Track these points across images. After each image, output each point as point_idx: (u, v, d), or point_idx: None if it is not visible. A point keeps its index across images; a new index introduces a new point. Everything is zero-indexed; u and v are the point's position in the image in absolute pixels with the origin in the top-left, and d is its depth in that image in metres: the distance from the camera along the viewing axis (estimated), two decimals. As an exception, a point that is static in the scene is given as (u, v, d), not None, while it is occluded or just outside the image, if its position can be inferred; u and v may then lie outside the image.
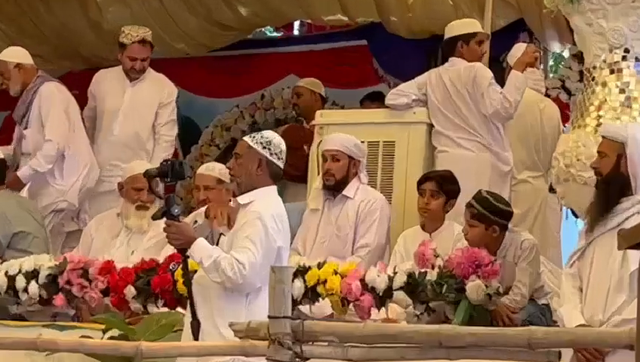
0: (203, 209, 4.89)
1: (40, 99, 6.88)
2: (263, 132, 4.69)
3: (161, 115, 7.06)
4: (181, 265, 4.60)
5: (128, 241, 6.20)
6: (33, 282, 5.63)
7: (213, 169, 6.06)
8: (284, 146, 4.57)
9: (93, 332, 5.08)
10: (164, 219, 4.50)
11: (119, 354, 4.08)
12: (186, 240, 4.45)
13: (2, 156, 6.50)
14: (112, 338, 4.86)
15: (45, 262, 5.69)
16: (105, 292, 5.52)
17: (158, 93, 7.11)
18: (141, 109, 7.07)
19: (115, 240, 6.22)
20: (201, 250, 4.41)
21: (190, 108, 9.33)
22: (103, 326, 5.12)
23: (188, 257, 4.51)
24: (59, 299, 5.56)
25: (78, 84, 9.41)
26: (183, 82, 9.27)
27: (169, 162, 4.63)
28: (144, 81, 7.10)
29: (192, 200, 6.89)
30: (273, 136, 4.58)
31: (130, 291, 5.42)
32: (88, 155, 7.02)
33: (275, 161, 4.53)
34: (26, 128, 6.91)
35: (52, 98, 6.89)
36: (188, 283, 4.47)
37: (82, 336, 4.70)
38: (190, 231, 4.51)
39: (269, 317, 3.38)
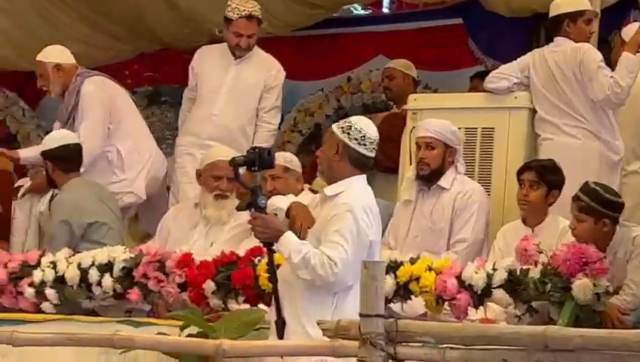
0: (277, 199, 4.90)
1: (82, 100, 6.95)
2: (350, 117, 4.71)
3: (266, 99, 7.03)
4: (267, 260, 4.63)
5: (207, 233, 6.25)
6: (107, 275, 5.69)
7: (278, 157, 6.06)
8: (371, 133, 4.58)
9: (170, 329, 5.13)
10: (250, 210, 4.56)
11: (199, 352, 4.11)
12: (273, 234, 4.50)
13: (77, 141, 6.62)
14: (190, 335, 4.91)
15: (120, 254, 5.74)
16: (182, 287, 5.56)
17: (263, 74, 7.07)
18: (244, 90, 7.03)
19: (193, 232, 6.28)
20: (289, 244, 4.44)
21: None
22: (180, 323, 5.17)
23: (274, 252, 4.54)
24: (134, 294, 5.61)
25: (152, 65, 9.57)
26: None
27: (257, 150, 4.66)
28: (250, 60, 7.06)
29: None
30: (357, 121, 4.61)
31: (209, 286, 5.45)
32: (150, 146, 7.12)
33: (355, 146, 4.54)
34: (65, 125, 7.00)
35: (91, 99, 6.93)
36: (274, 279, 4.49)
37: (159, 333, 4.75)
38: (278, 224, 4.57)
39: (361, 315, 3.37)
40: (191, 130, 7.08)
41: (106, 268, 5.72)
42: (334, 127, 4.62)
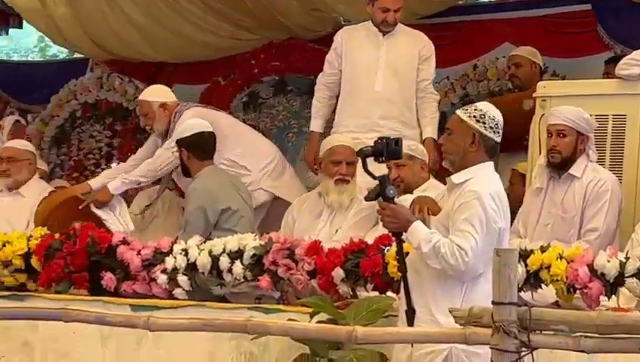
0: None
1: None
2: (476, 104, 4.69)
3: (424, 71, 7.03)
4: (395, 250, 4.65)
5: (331, 220, 6.32)
6: (237, 262, 5.75)
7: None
8: (500, 118, 4.58)
9: (300, 316, 5.21)
10: (378, 201, 4.58)
11: (331, 338, 4.16)
12: (403, 224, 4.51)
13: (211, 129, 6.73)
14: (319, 322, 4.97)
15: (250, 242, 5.79)
16: (312, 274, 5.60)
17: (416, 45, 7.08)
18: (401, 63, 7.02)
19: (317, 221, 6.35)
20: (419, 233, 4.45)
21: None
22: (310, 310, 5.24)
23: (403, 241, 4.55)
24: (264, 281, 5.67)
25: (278, 55, 9.66)
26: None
27: (384, 140, 4.64)
28: (398, 35, 7.07)
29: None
30: (488, 108, 4.59)
31: (338, 273, 5.47)
32: (266, 148, 7.28)
33: (491, 135, 4.54)
34: None
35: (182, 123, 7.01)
36: (403, 269, 4.50)
37: (289, 320, 4.82)
38: (407, 213, 4.60)
39: (493, 303, 3.38)
40: (359, 113, 6.98)
41: (237, 255, 5.77)
42: (463, 115, 4.57)
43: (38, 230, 6.55)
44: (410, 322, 4.41)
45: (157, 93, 7.31)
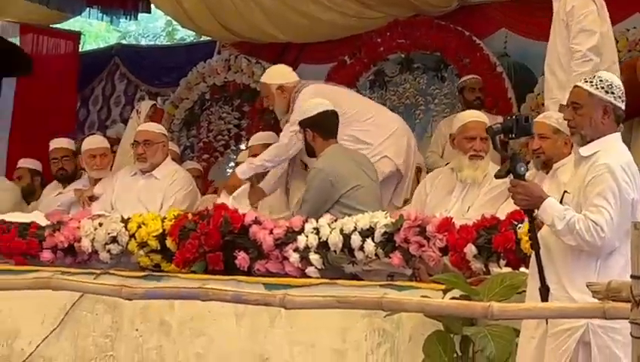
0: None
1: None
2: (599, 74, 4.60)
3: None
4: (528, 227, 4.61)
5: (464, 197, 6.31)
6: (369, 240, 5.77)
7: (550, 117, 6.02)
8: (622, 87, 4.52)
9: (433, 293, 5.21)
10: (509, 178, 4.54)
11: (466, 315, 4.15)
12: (535, 201, 4.45)
13: (333, 107, 6.76)
14: (453, 299, 4.98)
15: (381, 220, 5.80)
16: (444, 251, 5.59)
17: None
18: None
19: (450, 197, 6.34)
20: (552, 210, 4.38)
21: (524, 55, 9.28)
22: (442, 287, 5.25)
23: (535, 219, 4.51)
24: (396, 258, 5.68)
25: (403, 32, 9.65)
26: (515, 27, 9.27)
27: (514, 117, 4.63)
28: None
29: (526, 152, 6.87)
30: (612, 78, 4.54)
31: (470, 250, 5.45)
32: (390, 119, 7.25)
33: (619, 104, 4.48)
34: None
35: (299, 102, 7.06)
36: (536, 246, 4.46)
37: (422, 297, 4.84)
38: (539, 190, 4.51)
39: (632, 276, 3.34)
40: None
41: (368, 233, 5.79)
42: (591, 88, 4.48)
43: (171, 211, 6.69)
44: (545, 299, 4.37)
45: (275, 75, 7.36)
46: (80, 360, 6.50)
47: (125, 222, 6.67)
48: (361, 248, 5.81)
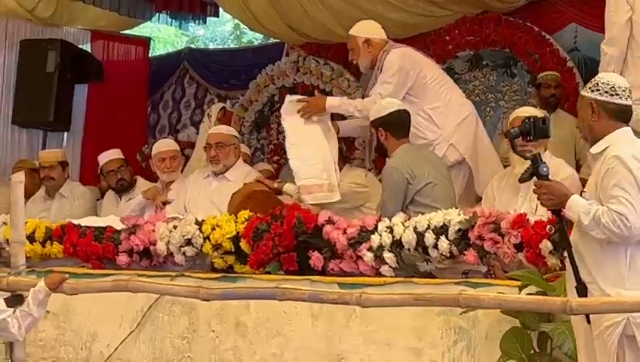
0: None
1: (383, 67, 7.17)
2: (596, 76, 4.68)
3: None
4: (557, 227, 4.61)
5: (530, 195, 6.26)
6: (443, 238, 5.77)
7: None
8: (620, 82, 4.60)
9: (508, 290, 5.19)
10: (533, 179, 4.62)
11: (545, 310, 4.15)
12: (561, 200, 4.53)
13: (405, 107, 6.78)
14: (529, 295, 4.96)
15: (454, 217, 5.80)
16: (518, 248, 5.57)
17: None
18: None
19: (516, 198, 6.30)
20: (577, 207, 4.45)
21: (595, 49, 9.18)
22: (518, 284, 5.23)
23: (563, 218, 4.54)
24: (470, 256, 5.68)
25: (472, 29, 9.61)
26: (585, 21, 9.19)
27: (531, 120, 4.77)
28: None
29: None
30: (602, 76, 4.66)
31: (546, 246, 5.42)
32: (465, 108, 7.21)
33: (608, 98, 4.56)
34: None
35: (390, 65, 7.11)
36: (567, 245, 4.48)
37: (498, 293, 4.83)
38: (564, 188, 4.58)
39: None
40: None
41: (442, 230, 5.80)
42: (582, 91, 4.66)
43: (242, 213, 6.74)
44: (583, 296, 4.36)
45: (363, 29, 7.39)
46: (158, 362, 6.59)
47: (199, 224, 6.74)
48: (435, 246, 5.81)
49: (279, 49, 11.54)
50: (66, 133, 11.45)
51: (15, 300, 5.47)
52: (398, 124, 6.71)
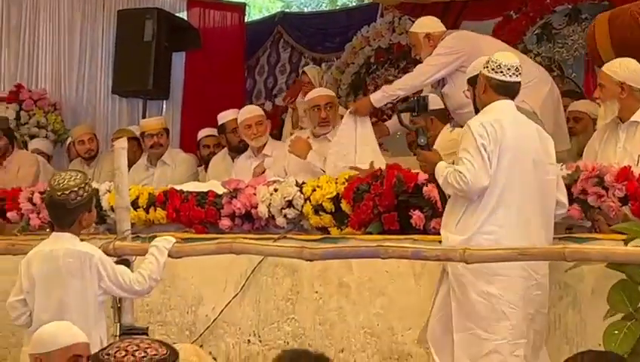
0: None
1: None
2: None
3: None
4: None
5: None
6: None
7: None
8: (508, 61, 5.40)
9: (614, 244, 5.12)
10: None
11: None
12: (432, 167, 5.49)
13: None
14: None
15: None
16: (623, 201, 5.50)
17: None
18: None
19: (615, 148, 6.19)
20: (438, 171, 5.40)
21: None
22: (623, 237, 5.15)
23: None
24: (574, 210, 5.60)
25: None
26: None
27: (415, 98, 6.12)
28: None
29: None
30: (493, 56, 5.47)
31: (651, 195, 5.35)
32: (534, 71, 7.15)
33: (494, 75, 5.39)
34: (444, 86, 7.21)
35: (442, 43, 7.13)
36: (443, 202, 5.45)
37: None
38: (435, 157, 5.53)
39: None
40: None
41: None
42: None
43: (343, 173, 6.76)
44: None
45: (422, 25, 7.40)
46: (262, 324, 6.65)
47: (300, 186, 6.77)
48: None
49: (373, 10, 11.50)
50: (165, 101, 11.58)
51: (122, 265, 5.58)
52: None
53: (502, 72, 5.38)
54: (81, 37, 11.56)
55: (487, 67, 5.43)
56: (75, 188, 5.32)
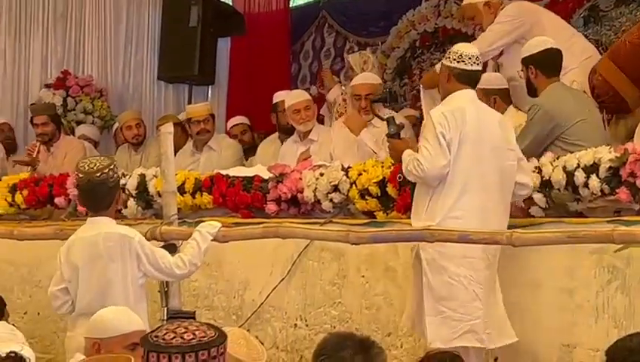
0: None
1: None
2: None
3: None
4: None
5: None
6: (593, 176, 5.66)
7: None
8: (469, 51, 5.63)
9: (666, 225, 5.09)
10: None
11: None
12: (399, 155, 5.75)
13: (557, 46, 6.65)
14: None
15: (605, 155, 5.69)
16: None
17: None
18: None
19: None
20: (403, 160, 5.63)
21: None
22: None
23: None
24: (622, 193, 5.56)
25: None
26: None
27: (387, 89, 6.87)
28: None
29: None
30: (455, 46, 5.74)
31: (701, 180, 5.30)
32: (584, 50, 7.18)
33: (456, 65, 5.61)
34: (500, 56, 7.25)
35: (502, 12, 7.17)
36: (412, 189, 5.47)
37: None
38: (402, 146, 5.79)
39: None
40: None
41: (592, 169, 5.69)
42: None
43: (389, 158, 6.75)
44: None
45: None
46: (309, 308, 6.67)
47: (346, 170, 6.77)
48: (586, 185, 5.71)
49: (418, -6, 11.44)
50: (210, 87, 11.62)
51: (169, 249, 5.62)
52: (548, 62, 6.52)
53: (463, 61, 5.62)
54: (127, 23, 11.62)
55: (448, 57, 5.67)
56: (108, 168, 5.37)
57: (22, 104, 11.19)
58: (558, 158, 5.94)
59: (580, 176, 5.74)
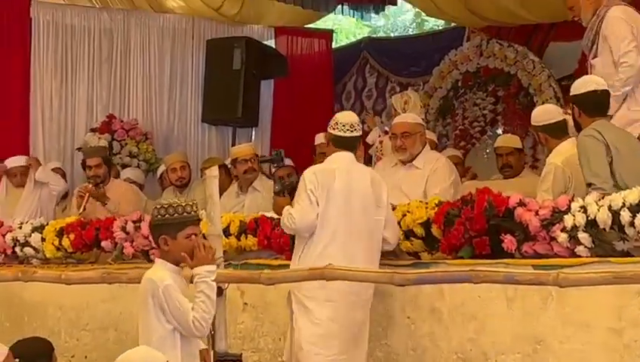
0: None
1: (605, 26, 7.03)
2: None
3: None
4: None
5: None
6: (639, 215, 5.62)
7: None
8: (344, 119, 6.37)
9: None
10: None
11: None
12: (280, 211, 6.35)
13: (605, 87, 6.59)
14: None
15: (648, 194, 5.65)
16: None
17: None
18: None
19: None
20: (283, 214, 6.29)
21: None
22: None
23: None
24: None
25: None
26: None
27: (275, 152, 7.34)
28: None
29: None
30: (336, 115, 6.48)
31: None
32: None
33: (332, 131, 6.36)
34: (594, 57, 7.08)
35: (614, 23, 6.98)
36: None
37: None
38: (284, 203, 6.40)
39: None
40: None
41: (638, 208, 5.66)
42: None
43: (433, 198, 6.75)
44: None
45: None
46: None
47: (391, 210, 6.77)
48: (632, 224, 5.68)
49: (458, 34, 11.49)
50: (254, 129, 11.69)
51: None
52: (591, 104, 6.48)
53: (338, 128, 6.34)
54: (171, 67, 11.72)
55: (330, 125, 6.37)
56: (163, 206, 5.12)
57: (69, 148, 11.27)
58: (603, 198, 5.91)
59: (625, 216, 5.71)
